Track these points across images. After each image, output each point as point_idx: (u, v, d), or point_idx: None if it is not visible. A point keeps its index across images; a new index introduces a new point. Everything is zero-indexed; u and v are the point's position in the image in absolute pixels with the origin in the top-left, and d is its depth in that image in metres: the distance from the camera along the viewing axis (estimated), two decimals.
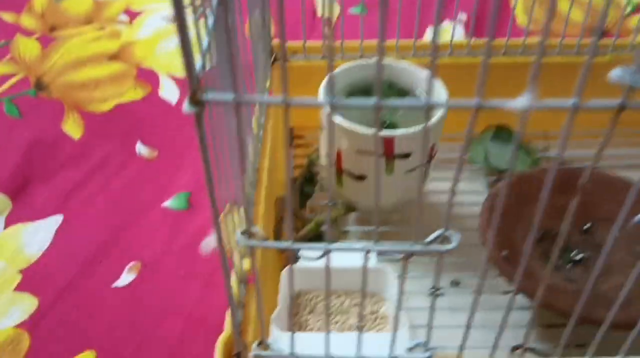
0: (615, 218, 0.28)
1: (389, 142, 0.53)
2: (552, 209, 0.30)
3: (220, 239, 0.31)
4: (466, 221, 0.61)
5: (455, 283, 0.58)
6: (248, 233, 0.31)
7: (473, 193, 0.64)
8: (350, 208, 0.60)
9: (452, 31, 0.66)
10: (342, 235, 0.59)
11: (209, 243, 0.30)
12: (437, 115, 0.55)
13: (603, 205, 0.56)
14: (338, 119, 0.53)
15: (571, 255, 0.56)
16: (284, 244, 0.30)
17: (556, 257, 0.32)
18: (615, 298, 0.34)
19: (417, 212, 0.30)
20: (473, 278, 0.58)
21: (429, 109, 0.25)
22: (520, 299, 0.55)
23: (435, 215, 0.63)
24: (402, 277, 0.32)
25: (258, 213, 0.49)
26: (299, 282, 0.48)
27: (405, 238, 0.28)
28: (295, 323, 0.46)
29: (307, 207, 0.62)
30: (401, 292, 0.33)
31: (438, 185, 0.64)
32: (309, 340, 0.38)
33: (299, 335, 0.38)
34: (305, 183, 0.62)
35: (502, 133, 0.68)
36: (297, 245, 0.30)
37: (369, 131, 0.52)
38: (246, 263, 0.42)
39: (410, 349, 0.37)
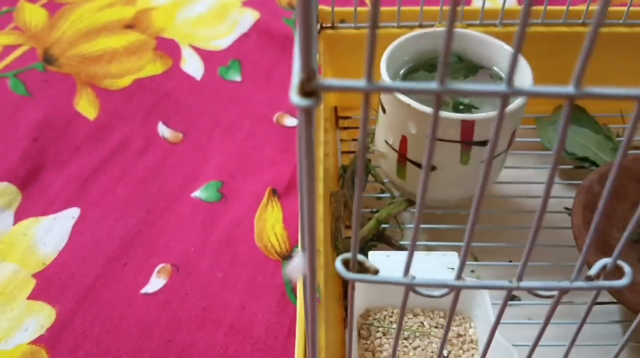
0: None
1: (467, 127, 0.44)
2: None
3: (313, 284, 0.23)
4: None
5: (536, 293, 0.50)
6: (352, 265, 0.23)
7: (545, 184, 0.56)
8: (411, 202, 0.52)
9: None
10: (402, 233, 0.52)
11: (296, 267, 0.23)
12: (522, 98, 0.46)
13: None
14: (406, 99, 0.45)
15: None
16: (403, 280, 0.23)
17: None
18: None
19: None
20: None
21: (510, 96, 0.17)
22: (611, 310, 0.48)
23: (504, 207, 0.55)
24: (548, 319, 0.25)
25: (318, 213, 0.41)
26: (368, 298, 0.40)
27: (474, 239, 0.21)
28: (367, 349, 0.38)
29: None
30: (539, 338, 0.25)
31: (505, 173, 0.56)
32: None
33: None
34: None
35: (576, 114, 0.60)
36: (417, 282, 0.23)
37: (447, 114, 0.44)
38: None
39: None
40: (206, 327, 0.47)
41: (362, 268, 0.23)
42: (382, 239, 0.49)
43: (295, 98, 0.17)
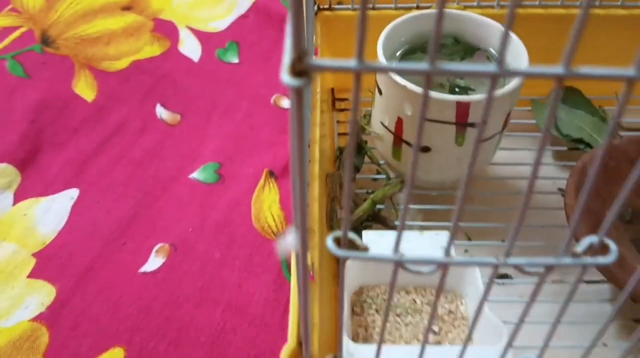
0: None
1: (463, 109, 0.45)
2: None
3: (305, 260, 0.24)
4: (535, 197, 0.54)
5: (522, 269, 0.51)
6: (343, 242, 0.23)
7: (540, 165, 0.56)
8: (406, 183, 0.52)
9: None
10: (397, 213, 0.52)
11: (287, 243, 0.23)
12: (517, 79, 0.47)
13: None
14: (402, 81, 0.45)
15: None
16: (392, 257, 0.23)
17: None
18: None
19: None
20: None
21: (500, 76, 0.18)
22: (601, 288, 0.49)
23: (498, 189, 0.56)
24: (534, 295, 0.25)
25: (313, 194, 0.42)
26: (361, 276, 0.41)
27: (468, 219, 0.22)
28: (360, 325, 0.39)
29: (357, 181, 0.55)
30: (525, 314, 0.26)
31: (500, 154, 0.56)
32: (389, 353, 0.31)
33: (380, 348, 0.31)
34: (354, 154, 0.54)
35: (572, 96, 0.60)
36: (406, 258, 0.23)
37: (442, 96, 0.44)
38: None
39: None
40: (204, 304, 0.48)
41: (353, 246, 0.24)
42: (377, 220, 0.50)
43: (286, 77, 0.17)
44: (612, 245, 0.24)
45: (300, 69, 0.17)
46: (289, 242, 0.24)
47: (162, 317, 0.47)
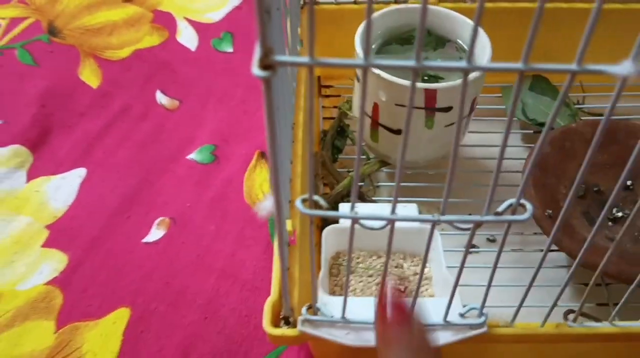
0: None
1: (430, 95, 0.50)
2: (594, 165, 0.28)
3: (279, 208, 0.29)
4: (502, 176, 0.60)
5: (491, 240, 0.56)
6: (310, 202, 0.29)
7: (508, 147, 0.62)
8: (384, 163, 0.58)
9: None
10: (375, 190, 0.58)
11: (265, 207, 0.29)
12: (483, 64, 0.52)
13: None
14: (376, 70, 0.50)
15: (613, 212, 0.54)
16: (347, 214, 0.29)
17: (601, 216, 0.31)
18: None
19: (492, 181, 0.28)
20: (510, 236, 0.57)
21: (470, 71, 0.22)
22: (558, 256, 0.54)
23: (469, 168, 0.61)
24: (467, 248, 0.31)
25: (296, 170, 0.47)
26: (338, 243, 0.46)
27: (440, 195, 0.27)
28: (337, 284, 0.45)
29: (339, 161, 0.60)
30: (463, 263, 0.32)
31: (472, 137, 0.62)
32: (356, 304, 0.37)
33: (348, 300, 0.36)
34: (337, 136, 0.60)
35: (539, 83, 0.65)
36: (360, 216, 0.29)
37: (409, 83, 0.49)
38: (288, 225, 0.40)
39: (463, 315, 0.36)
40: (200, 271, 0.53)
41: (318, 206, 0.29)
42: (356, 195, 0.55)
43: (255, 70, 0.22)
44: (528, 206, 0.29)
45: (267, 64, 0.23)
46: (265, 205, 0.29)
47: (163, 282, 0.52)
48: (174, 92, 0.71)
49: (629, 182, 0.55)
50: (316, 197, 0.29)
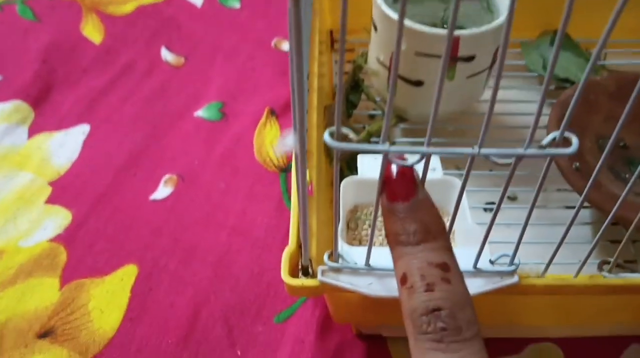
0: None
1: (453, 43, 0.47)
2: (619, 119, 0.26)
3: (303, 143, 0.27)
4: (522, 131, 0.57)
5: (511, 198, 0.54)
6: (339, 135, 0.26)
7: (528, 103, 0.60)
8: (400, 118, 0.55)
9: None
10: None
11: (285, 144, 0.26)
12: (504, 14, 0.49)
13: None
14: (395, 16, 0.47)
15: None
16: (381, 147, 0.26)
17: (635, 176, 0.29)
18: None
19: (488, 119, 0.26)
20: (531, 193, 0.55)
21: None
22: (582, 214, 0.52)
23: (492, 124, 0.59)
24: (506, 186, 0.29)
25: (312, 121, 0.45)
26: (356, 195, 0.44)
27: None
28: (355, 238, 0.43)
29: (354, 116, 0.57)
30: (501, 201, 0.30)
31: (489, 93, 0.59)
32: (379, 254, 0.35)
33: (372, 249, 0.34)
34: (351, 91, 0.57)
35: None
36: (394, 148, 0.26)
37: (432, 30, 0.47)
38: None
39: (494, 262, 0.34)
40: (210, 228, 0.51)
41: (346, 139, 0.27)
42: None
43: None
44: (574, 139, 0.27)
45: None
46: (287, 142, 0.27)
47: (172, 238, 0.50)
48: (180, 48, 0.68)
49: None
50: (345, 129, 0.27)
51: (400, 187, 0.27)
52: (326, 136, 0.27)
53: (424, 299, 0.25)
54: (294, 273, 0.35)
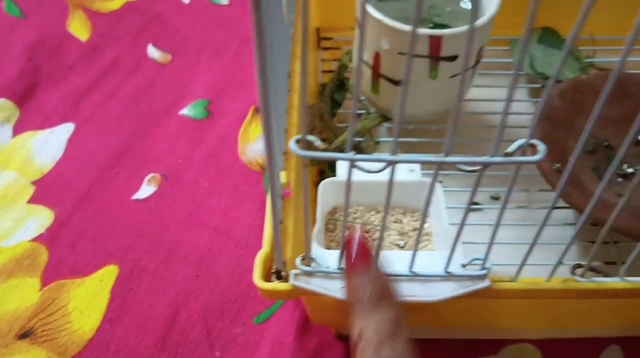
0: None
1: (435, 42, 0.47)
2: (604, 119, 0.26)
3: (270, 154, 0.27)
4: (509, 130, 0.57)
5: (495, 198, 0.54)
6: (305, 143, 0.26)
7: (515, 102, 0.59)
8: (385, 117, 0.55)
9: None
10: (375, 146, 0.55)
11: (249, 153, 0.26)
12: (488, 13, 0.49)
13: None
14: (379, 15, 0.47)
15: (623, 168, 0.52)
16: (345, 156, 0.26)
17: (609, 171, 0.28)
18: None
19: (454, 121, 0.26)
20: (516, 193, 0.55)
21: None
22: (565, 214, 0.52)
23: (474, 123, 0.58)
24: (473, 192, 0.29)
25: (292, 121, 0.45)
26: (335, 197, 0.44)
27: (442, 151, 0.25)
28: (333, 240, 0.43)
29: (338, 116, 0.57)
30: (469, 206, 0.29)
31: (478, 92, 0.59)
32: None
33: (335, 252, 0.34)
34: (336, 90, 0.57)
35: (549, 36, 0.62)
36: (358, 157, 0.26)
37: (414, 29, 0.46)
38: (283, 177, 0.38)
39: (465, 265, 0.34)
40: (193, 228, 0.51)
41: (313, 147, 0.27)
42: (355, 150, 0.53)
43: None
44: (541, 146, 0.27)
45: None
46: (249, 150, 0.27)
47: (154, 239, 0.50)
48: (166, 45, 0.68)
49: None
50: (311, 137, 0.26)
51: (358, 265, 0.31)
52: (291, 144, 0.27)
53: None
54: (267, 277, 0.35)
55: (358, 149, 0.53)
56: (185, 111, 0.61)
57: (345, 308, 0.39)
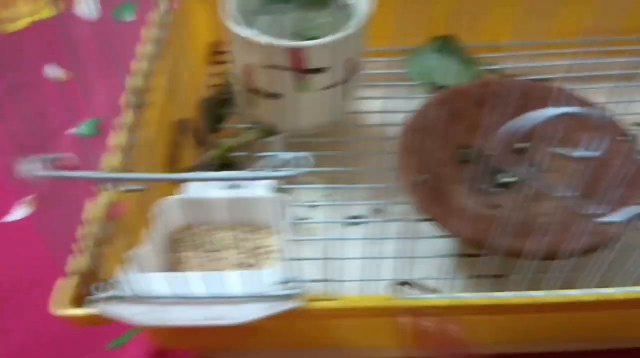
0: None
1: (296, 55, 0.46)
2: (482, 128, 0.25)
3: None
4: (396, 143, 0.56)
5: (378, 211, 0.52)
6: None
7: (411, 114, 0.58)
8: (267, 132, 0.54)
9: None
10: (256, 160, 0.54)
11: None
12: (354, 25, 0.48)
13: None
14: (243, 32, 0.46)
15: (498, 177, 0.50)
16: (90, 175, 0.25)
17: (479, 181, 0.27)
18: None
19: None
20: (397, 206, 0.53)
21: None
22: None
23: (367, 135, 0.57)
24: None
25: (146, 138, 0.44)
26: (183, 216, 0.42)
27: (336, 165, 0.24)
28: (175, 261, 0.41)
29: (222, 131, 0.56)
30: (295, 221, 0.28)
31: (368, 104, 0.58)
32: (162, 280, 0.33)
33: (151, 275, 0.33)
34: (221, 104, 0.56)
35: (448, 45, 0.61)
36: (103, 176, 0.25)
37: (274, 42, 0.45)
38: (105, 197, 0.37)
39: (279, 284, 0.32)
40: None
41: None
42: (231, 167, 0.51)
43: None
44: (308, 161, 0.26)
45: None
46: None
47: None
48: (68, 65, 0.67)
49: (520, 145, 0.51)
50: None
51: None
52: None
53: None
54: (77, 302, 0.33)
55: (232, 164, 0.51)
56: (77, 130, 0.60)
57: (181, 332, 0.37)
